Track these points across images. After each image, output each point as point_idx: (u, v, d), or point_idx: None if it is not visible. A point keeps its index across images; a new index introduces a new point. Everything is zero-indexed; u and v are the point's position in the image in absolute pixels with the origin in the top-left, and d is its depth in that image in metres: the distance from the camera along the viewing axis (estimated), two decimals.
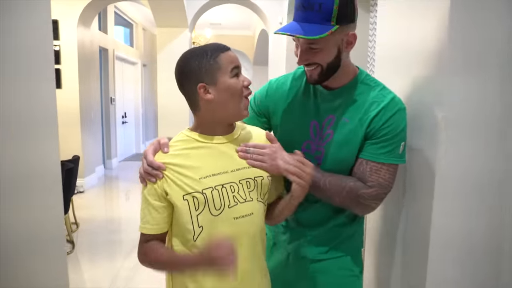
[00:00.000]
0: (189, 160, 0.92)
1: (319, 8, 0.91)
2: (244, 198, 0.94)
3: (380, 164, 1.00)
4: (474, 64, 0.90)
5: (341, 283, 1.15)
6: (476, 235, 1.01)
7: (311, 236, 1.15)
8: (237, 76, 0.93)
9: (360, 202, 1.01)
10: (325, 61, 0.98)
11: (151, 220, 0.93)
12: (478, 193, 0.98)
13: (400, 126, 1.00)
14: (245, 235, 0.94)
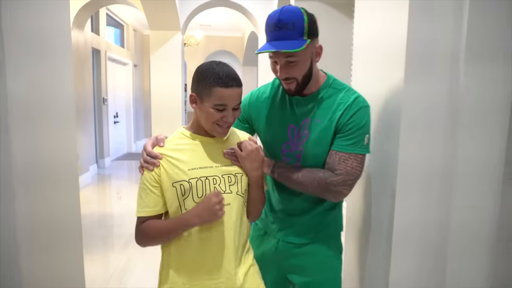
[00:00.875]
0: (181, 154, 1.08)
1: (292, 27, 1.06)
2: (224, 190, 1.09)
3: (348, 154, 1.14)
4: (427, 68, 1.11)
5: (323, 262, 1.31)
6: (428, 227, 1.21)
7: (297, 224, 1.30)
8: (220, 111, 1.03)
9: (330, 189, 1.15)
10: (301, 73, 1.13)
11: (150, 203, 1.07)
12: (429, 188, 1.17)
13: (363, 121, 1.15)
14: (225, 224, 1.08)
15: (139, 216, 1.09)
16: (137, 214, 1.09)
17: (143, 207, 1.08)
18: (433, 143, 1.14)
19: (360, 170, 1.17)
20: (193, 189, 1.05)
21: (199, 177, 1.06)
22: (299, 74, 1.13)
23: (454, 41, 1.07)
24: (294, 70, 1.13)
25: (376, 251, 1.39)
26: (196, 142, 1.11)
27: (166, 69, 5.21)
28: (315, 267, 1.30)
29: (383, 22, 1.31)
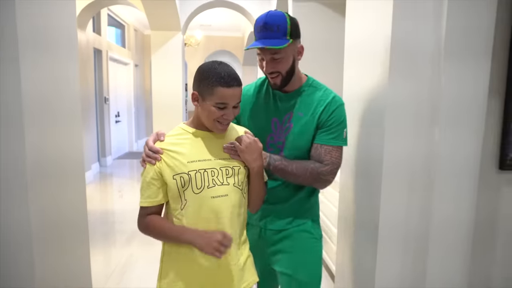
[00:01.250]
0: (180, 147, 1.15)
1: (277, 29, 1.22)
2: (222, 182, 1.16)
3: (331, 147, 1.29)
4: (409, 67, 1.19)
5: (303, 243, 1.39)
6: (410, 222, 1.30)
7: (276, 212, 1.39)
8: (221, 109, 1.11)
9: (321, 178, 1.29)
10: (285, 69, 1.27)
11: (152, 194, 1.15)
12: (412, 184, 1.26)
13: (341, 117, 1.30)
14: (222, 213, 1.15)
15: (142, 206, 1.17)
16: (140, 204, 1.17)
17: (145, 198, 1.16)
18: (415, 140, 1.22)
19: (341, 160, 1.32)
20: (192, 180, 1.12)
21: (198, 169, 1.13)
22: (283, 69, 1.27)
23: (435, 42, 1.15)
24: (278, 65, 1.26)
25: (363, 246, 1.47)
26: (196, 136, 1.18)
27: (167, 69, 5.29)
28: (296, 250, 1.39)
29: (370, 24, 1.40)
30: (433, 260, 1.29)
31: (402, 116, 1.22)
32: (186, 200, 1.14)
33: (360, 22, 1.52)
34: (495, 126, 1.39)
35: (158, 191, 1.15)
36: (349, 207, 1.66)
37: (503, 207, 1.44)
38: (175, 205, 1.15)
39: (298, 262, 1.38)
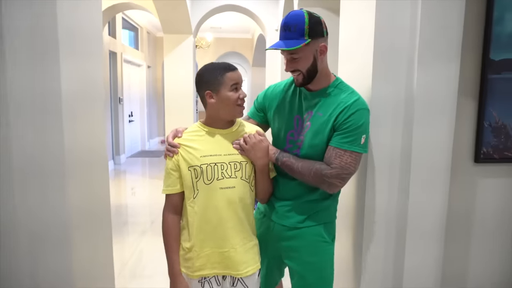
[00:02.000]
0: (195, 143, 1.32)
1: (294, 29, 1.24)
2: (230, 175, 1.29)
3: (343, 151, 1.26)
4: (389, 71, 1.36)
5: (313, 246, 1.40)
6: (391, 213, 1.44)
7: (289, 208, 1.41)
8: (236, 90, 1.27)
9: (324, 180, 1.28)
10: (304, 67, 1.29)
11: (172, 183, 1.33)
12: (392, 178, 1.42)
13: (360, 121, 1.26)
14: (229, 202, 1.29)
15: (165, 193, 1.36)
16: (162, 192, 1.36)
17: (166, 186, 1.35)
18: (394, 135, 1.40)
19: (354, 166, 1.28)
20: (204, 173, 1.29)
21: (209, 163, 1.29)
22: (302, 68, 1.29)
23: (410, 49, 1.33)
24: (297, 64, 1.29)
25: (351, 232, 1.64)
26: (209, 134, 1.34)
27: (179, 70, 5.51)
28: (306, 250, 1.40)
29: (356, 33, 1.58)
30: (410, 247, 1.44)
31: (383, 113, 1.39)
32: (198, 190, 1.30)
33: (348, 31, 1.69)
34: (471, 124, 1.55)
35: (177, 181, 1.32)
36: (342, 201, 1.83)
37: (478, 196, 1.59)
38: (189, 194, 1.32)
39: (308, 263, 1.41)
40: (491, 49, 1.48)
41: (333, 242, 1.46)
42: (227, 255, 1.32)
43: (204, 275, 1.33)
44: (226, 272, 1.34)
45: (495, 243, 1.64)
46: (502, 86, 1.51)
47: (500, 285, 1.69)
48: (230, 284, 1.37)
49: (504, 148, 1.55)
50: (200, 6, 5.38)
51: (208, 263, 1.32)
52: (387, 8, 1.33)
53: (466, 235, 1.62)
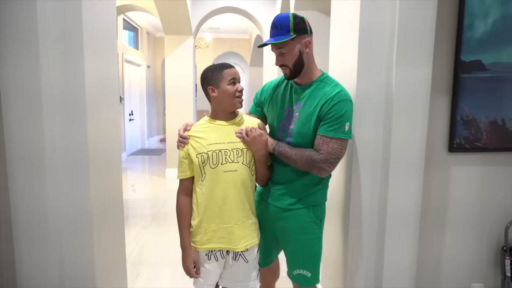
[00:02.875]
0: (203, 134, 1.52)
1: (281, 27, 1.43)
2: (232, 160, 1.49)
3: (329, 138, 1.42)
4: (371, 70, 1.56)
5: (303, 226, 1.56)
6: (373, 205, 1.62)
7: (283, 192, 1.57)
8: (234, 84, 1.47)
9: (315, 165, 1.43)
10: (291, 62, 1.45)
11: (183, 169, 1.54)
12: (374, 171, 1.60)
13: (342, 111, 1.40)
14: (232, 184, 1.48)
15: (179, 179, 1.56)
16: (177, 177, 1.56)
17: (180, 172, 1.55)
18: (376, 128, 1.59)
19: (340, 151, 1.43)
20: (210, 158, 1.48)
21: (214, 150, 1.48)
22: (289, 62, 1.46)
23: (389, 52, 1.52)
24: (285, 59, 1.46)
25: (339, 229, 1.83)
26: (215, 125, 1.54)
27: (179, 70, 5.68)
28: (295, 229, 1.56)
29: (344, 38, 1.77)
30: (389, 233, 1.62)
31: (366, 109, 1.58)
32: (205, 173, 1.49)
33: (337, 33, 1.88)
34: (445, 118, 1.75)
35: (187, 167, 1.52)
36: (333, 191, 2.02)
37: (452, 181, 1.79)
38: (197, 177, 1.52)
39: (298, 241, 1.57)
40: (462, 52, 1.68)
41: (322, 223, 1.62)
42: (230, 230, 1.50)
43: (211, 249, 1.52)
44: (229, 247, 1.52)
45: (467, 221, 1.84)
46: (473, 84, 1.70)
47: (473, 265, 1.89)
48: (233, 258, 1.55)
49: (475, 139, 1.75)
50: (200, 8, 5.56)
51: (214, 237, 1.51)
52: (369, 17, 1.52)
53: (442, 215, 1.82)
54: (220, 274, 1.58)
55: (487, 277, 1.90)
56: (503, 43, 1.68)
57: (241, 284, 1.59)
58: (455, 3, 1.67)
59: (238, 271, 1.57)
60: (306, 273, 1.58)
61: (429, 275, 1.87)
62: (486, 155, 1.79)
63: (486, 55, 1.68)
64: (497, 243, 1.87)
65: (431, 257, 1.86)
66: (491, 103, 1.72)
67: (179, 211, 1.56)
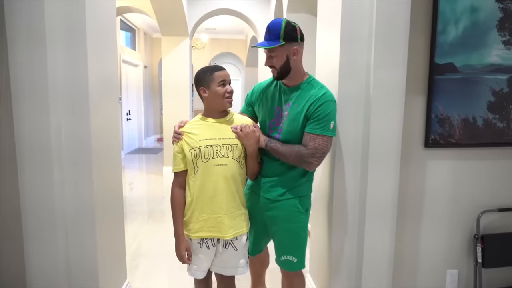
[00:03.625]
0: (195, 130, 1.65)
1: (273, 33, 1.56)
2: (223, 154, 1.60)
3: (316, 135, 1.55)
4: (351, 74, 1.70)
5: (289, 215, 1.69)
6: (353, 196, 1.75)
7: (272, 184, 1.70)
8: (223, 86, 1.58)
9: (303, 160, 1.56)
10: (278, 64, 1.59)
11: (177, 163, 1.66)
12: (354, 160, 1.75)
13: (327, 111, 1.55)
14: (222, 177, 1.60)
15: (174, 172, 1.68)
16: (172, 171, 1.68)
17: (174, 166, 1.67)
18: (356, 126, 1.73)
19: (326, 146, 1.56)
20: (202, 153, 1.61)
21: (206, 145, 1.60)
22: (276, 64, 1.59)
23: (367, 59, 1.67)
24: (272, 61, 1.60)
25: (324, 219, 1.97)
26: (207, 122, 1.67)
27: (176, 71, 5.81)
28: (283, 218, 1.70)
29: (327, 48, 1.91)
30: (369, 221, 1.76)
31: (348, 107, 1.72)
32: (198, 167, 1.62)
33: (323, 41, 2.03)
34: (421, 116, 1.89)
35: (181, 161, 1.65)
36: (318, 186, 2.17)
37: (427, 174, 1.94)
38: (190, 171, 1.64)
39: (285, 229, 1.70)
40: (436, 55, 1.82)
41: (307, 212, 1.75)
42: (220, 220, 1.62)
43: (202, 237, 1.65)
44: (218, 235, 1.64)
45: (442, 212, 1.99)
46: (446, 85, 1.85)
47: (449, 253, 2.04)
48: (223, 246, 1.67)
49: (448, 136, 1.90)
50: (196, 10, 5.69)
51: (205, 226, 1.63)
52: (350, 25, 1.67)
53: (419, 206, 1.97)
54: (211, 261, 1.70)
55: (461, 263, 2.05)
56: (473, 47, 1.83)
57: (230, 270, 1.71)
58: (429, 11, 1.81)
59: (228, 258, 1.68)
60: (293, 258, 1.72)
61: (408, 262, 2.02)
62: (459, 150, 1.93)
63: (457, 58, 1.83)
64: (470, 232, 2.02)
65: (409, 245, 2.00)
66: (463, 102, 1.87)
67: (173, 202, 1.68)
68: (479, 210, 1.99)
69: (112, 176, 2.03)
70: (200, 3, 5.67)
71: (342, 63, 1.70)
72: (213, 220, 1.63)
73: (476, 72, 1.85)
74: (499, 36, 1.82)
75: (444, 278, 2.05)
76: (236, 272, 1.72)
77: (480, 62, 1.84)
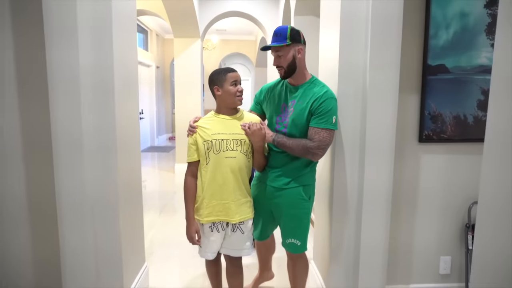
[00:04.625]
0: (208, 125, 1.83)
1: (280, 35, 1.76)
2: (232, 148, 1.77)
3: (320, 129, 1.72)
4: (349, 75, 1.87)
5: (293, 202, 1.85)
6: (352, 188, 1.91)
7: (277, 173, 1.87)
8: (235, 85, 1.77)
9: (309, 151, 1.73)
10: (285, 64, 1.77)
11: (191, 154, 1.84)
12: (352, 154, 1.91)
13: (329, 107, 1.72)
14: (231, 168, 1.77)
15: (188, 162, 1.87)
16: (186, 161, 1.87)
17: (188, 156, 1.85)
18: (354, 122, 1.89)
19: (329, 139, 1.74)
20: (214, 146, 1.79)
21: (217, 139, 1.79)
22: (284, 64, 1.78)
23: (363, 60, 1.83)
24: (280, 61, 1.78)
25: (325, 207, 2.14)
26: (219, 118, 1.85)
27: (188, 72, 6.02)
28: (288, 205, 1.86)
29: (328, 49, 2.08)
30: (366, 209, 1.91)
31: (346, 105, 1.89)
32: (210, 158, 1.80)
33: (324, 46, 2.20)
34: (415, 113, 2.05)
35: (195, 152, 1.83)
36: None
37: (421, 167, 2.10)
38: (203, 161, 1.82)
39: (289, 214, 1.87)
40: (429, 57, 1.98)
41: (310, 200, 1.90)
42: (227, 205, 1.81)
43: (212, 221, 1.83)
44: (226, 219, 1.83)
45: (435, 202, 2.14)
46: (438, 84, 2.01)
47: (442, 241, 2.19)
48: (231, 230, 1.86)
49: (441, 131, 2.05)
50: (207, 12, 5.90)
51: (214, 211, 1.81)
52: (347, 30, 1.84)
53: (414, 196, 2.13)
54: (221, 243, 1.88)
55: (454, 250, 2.20)
56: (463, 49, 1.98)
57: (237, 251, 1.89)
58: (421, 17, 1.97)
59: (235, 241, 1.86)
60: (296, 241, 1.90)
61: (403, 249, 2.18)
62: (451, 145, 2.09)
63: (448, 60, 1.98)
64: (462, 221, 2.17)
65: (404, 234, 2.16)
66: (454, 101, 2.02)
67: (186, 188, 1.86)
68: (470, 201, 2.14)
69: (133, 167, 2.22)
70: (211, 6, 5.88)
71: (341, 67, 1.87)
72: (221, 206, 1.80)
73: (466, 73, 2.00)
74: (488, 39, 1.97)
75: (438, 264, 2.20)
76: (242, 254, 1.90)
77: (470, 64, 1.99)
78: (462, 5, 1.95)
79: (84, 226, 1.82)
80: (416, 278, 2.21)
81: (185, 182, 1.88)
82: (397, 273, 2.20)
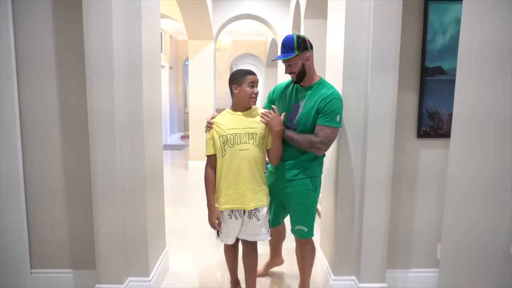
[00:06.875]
0: (224, 122, 2.03)
1: (288, 46, 1.92)
2: (245, 141, 1.95)
3: (325, 126, 1.91)
4: (353, 78, 2.06)
5: (301, 191, 2.03)
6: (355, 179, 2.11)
7: (288, 167, 2.06)
8: (252, 87, 1.96)
9: (313, 145, 1.92)
10: (296, 70, 1.95)
11: (209, 148, 2.04)
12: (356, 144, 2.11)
13: (334, 107, 1.90)
14: (245, 160, 1.95)
15: (206, 155, 2.08)
16: (205, 154, 2.07)
17: (206, 150, 2.06)
18: (357, 117, 2.09)
19: (333, 135, 1.92)
20: (229, 139, 1.99)
21: (232, 133, 1.99)
22: (295, 70, 1.96)
23: (366, 61, 2.03)
24: (291, 68, 1.96)
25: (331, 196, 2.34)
26: (234, 115, 2.05)
27: (201, 72, 6.26)
28: (296, 194, 2.05)
29: (332, 49, 2.28)
30: (367, 197, 2.11)
31: (350, 104, 2.08)
32: (225, 151, 2.00)
33: (331, 48, 2.40)
34: (414, 111, 2.23)
35: (212, 146, 2.03)
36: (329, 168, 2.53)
37: (420, 161, 2.28)
38: (219, 154, 2.03)
39: (297, 203, 2.04)
40: (426, 60, 2.16)
41: (317, 190, 2.09)
42: (243, 194, 2.00)
43: (230, 208, 2.02)
44: (242, 207, 2.01)
45: (432, 193, 2.32)
46: (435, 85, 2.19)
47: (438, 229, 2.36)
48: (248, 217, 2.05)
49: (437, 128, 2.23)
50: (220, 15, 6.13)
51: (231, 200, 2.01)
52: (351, 34, 2.04)
53: (412, 187, 2.31)
54: (239, 229, 2.08)
55: None
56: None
57: (254, 237, 2.08)
58: (419, 23, 2.16)
59: (252, 227, 2.05)
60: (304, 228, 2.09)
61: (402, 236, 2.36)
62: (447, 140, 2.25)
63: (445, 62, 2.16)
64: None
65: (403, 222, 2.34)
66: (450, 100, 2.20)
67: (206, 179, 2.07)
68: None
69: (156, 155, 2.41)
70: (224, 9, 6.10)
71: (346, 70, 2.07)
72: (237, 194, 1.99)
73: None
74: None
75: (435, 251, 2.37)
76: (258, 238, 2.08)
77: None
78: (457, 13, 2.12)
79: (115, 207, 2.06)
80: (415, 263, 2.38)
81: (205, 174, 2.08)
82: (396, 258, 2.38)
